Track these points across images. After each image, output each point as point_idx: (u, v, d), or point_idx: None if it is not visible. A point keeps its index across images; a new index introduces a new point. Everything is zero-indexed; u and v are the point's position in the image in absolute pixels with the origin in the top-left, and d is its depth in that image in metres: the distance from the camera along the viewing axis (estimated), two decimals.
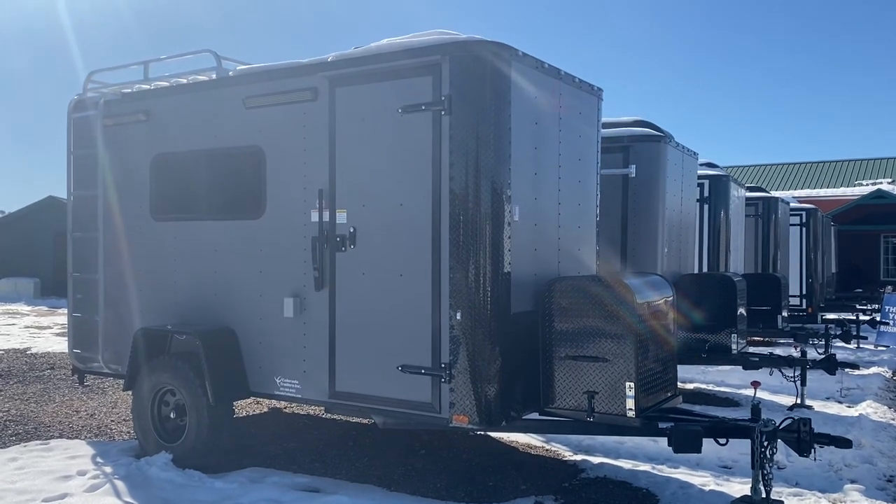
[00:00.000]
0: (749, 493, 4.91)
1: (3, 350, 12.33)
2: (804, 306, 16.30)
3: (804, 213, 16.48)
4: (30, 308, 21.38)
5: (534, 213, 5.25)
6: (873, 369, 11.32)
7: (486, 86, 4.87)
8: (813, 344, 10.45)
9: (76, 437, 6.78)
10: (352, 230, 5.32)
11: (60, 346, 12.91)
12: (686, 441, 4.84)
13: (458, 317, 4.86)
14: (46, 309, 21.15)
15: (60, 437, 6.80)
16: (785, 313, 10.95)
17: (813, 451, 4.81)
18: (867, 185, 30.84)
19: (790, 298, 14.48)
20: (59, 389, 9.05)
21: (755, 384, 5.31)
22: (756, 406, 4.97)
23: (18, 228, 27.31)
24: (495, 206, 4.87)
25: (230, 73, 6.14)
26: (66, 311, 20.41)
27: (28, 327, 16.13)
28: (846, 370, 10.61)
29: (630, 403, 4.81)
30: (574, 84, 5.78)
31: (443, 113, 4.89)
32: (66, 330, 15.40)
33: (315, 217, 5.48)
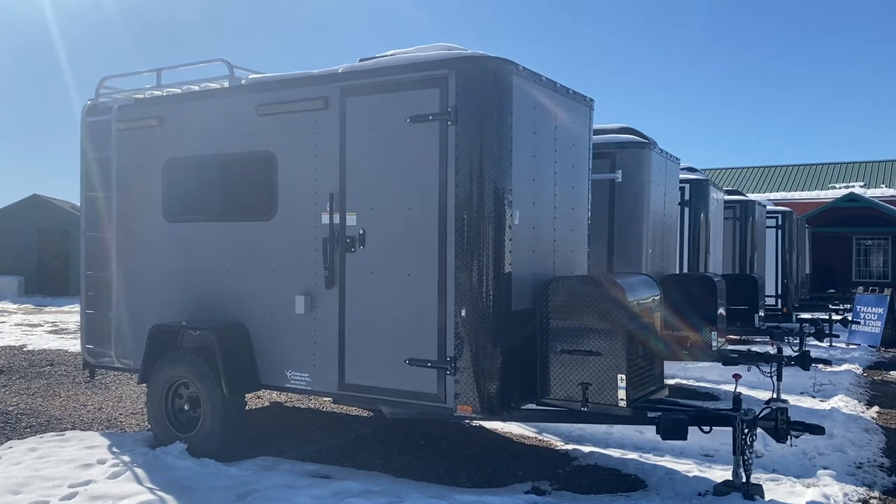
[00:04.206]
0: (730, 478, 5.33)
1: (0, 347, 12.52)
2: (779, 306, 16.82)
3: (780, 215, 17.01)
4: (16, 306, 21.44)
5: (532, 216, 5.62)
6: (845, 366, 11.83)
7: (490, 98, 5.23)
8: (788, 342, 10.92)
9: (89, 429, 7.05)
10: (361, 232, 5.66)
11: (55, 343, 13.11)
12: (673, 429, 5.24)
13: (463, 314, 5.21)
14: (32, 307, 21.23)
15: (73, 428, 7.07)
16: (762, 313, 11.41)
17: (789, 437, 5.24)
18: (840, 188, 31.62)
19: (766, 298, 14.99)
20: (62, 385, 9.28)
21: (737, 377, 5.69)
22: (737, 396, 5.38)
23: (2, 226, 27.25)
24: (497, 210, 5.23)
25: (242, 81, 6.44)
26: (52, 308, 20.50)
27: (18, 325, 16.27)
28: (819, 366, 11.13)
29: (621, 394, 5.19)
30: (568, 95, 6.16)
31: (449, 123, 5.25)
32: (57, 328, 15.59)
33: (325, 219, 5.81)
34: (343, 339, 5.74)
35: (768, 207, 16.93)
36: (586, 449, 6.60)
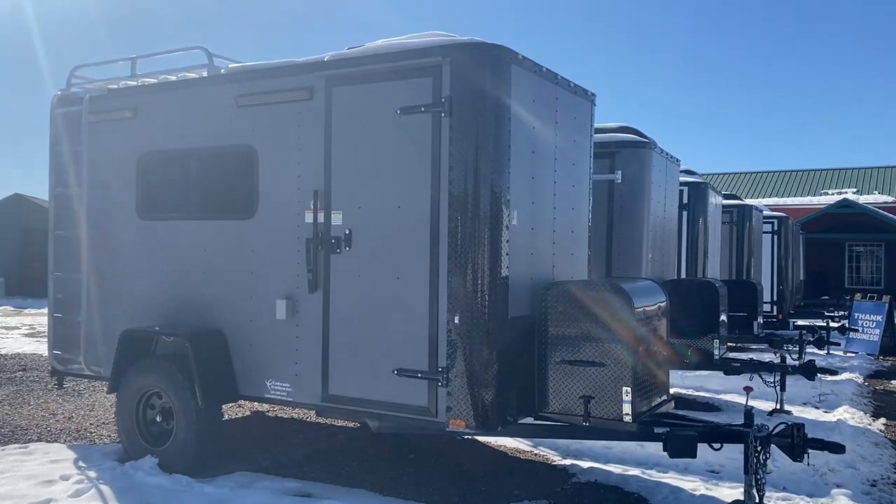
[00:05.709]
0: (741, 498, 4.94)
1: None
2: (775, 312, 16.54)
3: (776, 220, 16.74)
4: None
5: (531, 217, 5.24)
6: (845, 375, 11.51)
7: (487, 88, 4.85)
8: (787, 350, 10.59)
9: (55, 441, 6.61)
10: (347, 232, 5.27)
11: (30, 347, 12.63)
12: (682, 446, 4.86)
13: (456, 321, 4.82)
14: (12, 309, 20.67)
15: (39, 440, 6.63)
16: (760, 319, 11.08)
17: (806, 456, 4.87)
18: (833, 194, 31.41)
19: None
20: (32, 392, 8.83)
21: (748, 389, 5.35)
22: (749, 412, 5.01)
23: None
24: (494, 209, 4.85)
25: (222, 70, 6.05)
26: (32, 310, 19.99)
27: None
28: (820, 376, 10.82)
29: (626, 408, 4.81)
30: (569, 89, 5.79)
31: (442, 115, 4.87)
32: (34, 331, 15.09)
33: (309, 218, 5.41)
34: (327, 347, 5.34)
35: (764, 213, 16.65)
36: (585, 464, 6.22)
